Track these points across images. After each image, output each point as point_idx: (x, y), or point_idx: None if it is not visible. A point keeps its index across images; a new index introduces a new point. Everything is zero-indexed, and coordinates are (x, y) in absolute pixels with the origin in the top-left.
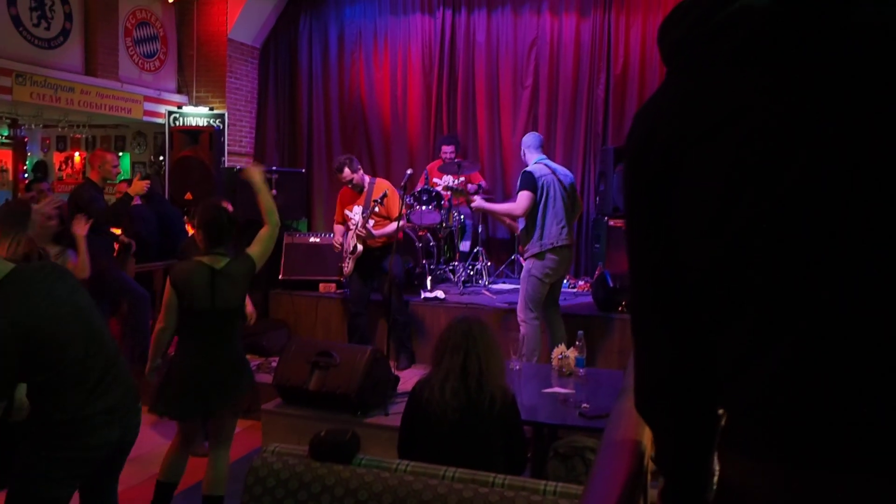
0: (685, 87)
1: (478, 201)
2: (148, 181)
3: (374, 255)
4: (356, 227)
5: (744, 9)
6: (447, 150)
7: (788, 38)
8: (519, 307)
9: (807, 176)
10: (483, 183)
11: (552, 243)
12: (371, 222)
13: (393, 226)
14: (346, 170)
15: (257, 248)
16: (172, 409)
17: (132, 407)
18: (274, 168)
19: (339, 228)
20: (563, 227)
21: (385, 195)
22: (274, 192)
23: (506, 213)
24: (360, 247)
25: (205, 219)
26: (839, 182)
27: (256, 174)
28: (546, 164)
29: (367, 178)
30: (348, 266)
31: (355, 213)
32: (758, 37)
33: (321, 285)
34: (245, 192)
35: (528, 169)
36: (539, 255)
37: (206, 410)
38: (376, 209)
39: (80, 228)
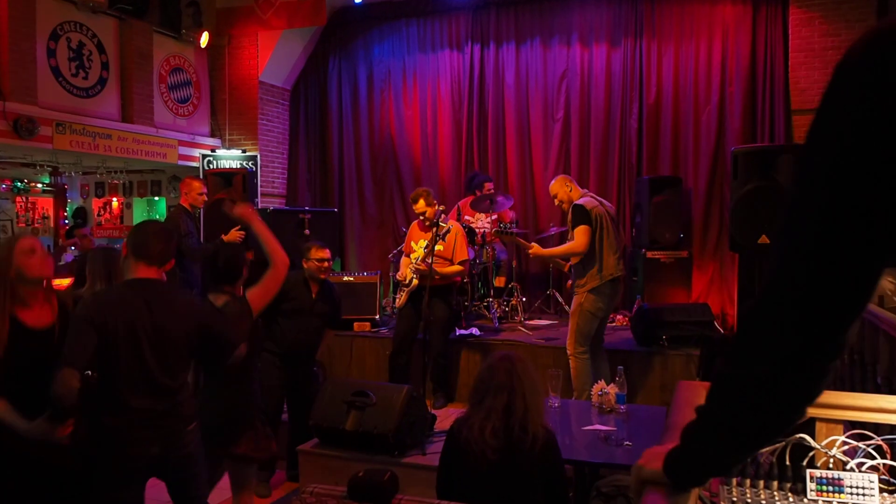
0: None
1: (535, 248)
2: (244, 233)
3: (431, 295)
4: (416, 261)
5: None
6: (490, 187)
7: None
8: (568, 341)
9: None
10: (512, 215)
11: (611, 274)
12: (429, 260)
13: (455, 268)
14: (422, 201)
15: (252, 289)
16: None
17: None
18: (306, 208)
19: (405, 261)
20: (619, 258)
21: (448, 231)
22: (307, 232)
23: (566, 253)
24: (415, 280)
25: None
26: None
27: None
28: (593, 197)
29: (442, 216)
30: (401, 299)
31: (419, 246)
32: None
33: (355, 324)
34: (281, 232)
35: (578, 203)
36: (597, 289)
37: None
38: (438, 243)
39: None
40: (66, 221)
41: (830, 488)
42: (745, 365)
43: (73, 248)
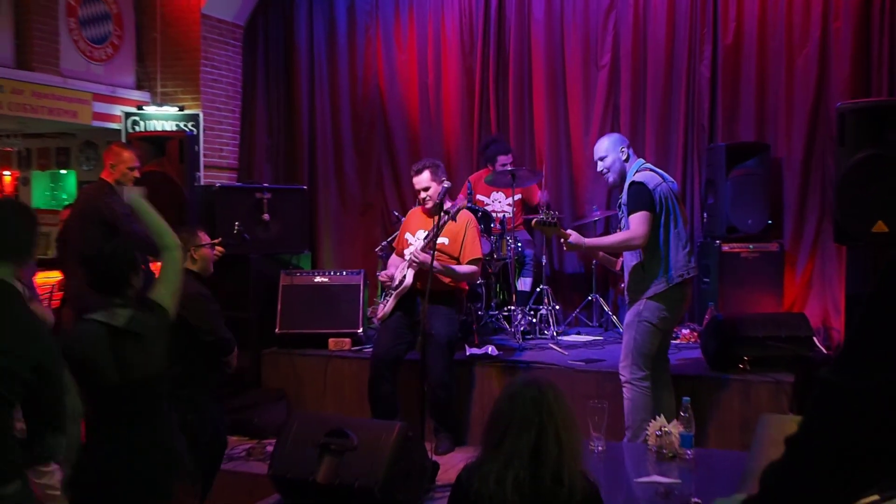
0: None
1: (574, 236)
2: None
3: (429, 303)
4: (412, 253)
5: None
6: (505, 162)
7: None
8: (623, 364)
9: None
10: (545, 196)
11: (681, 275)
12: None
13: (465, 268)
14: (427, 173)
15: (160, 289)
16: None
17: None
18: (265, 185)
19: (395, 260)
20: (689, 253)
21: (459, 208)
22: (266, 216)
23: (619, 246)
24: (409, 278)
25: (89, 255)
26: None
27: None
28: (653, 170)
29: (447, 201)
30: (386, 306)
31: (417, 238)
32: None
33: (331, 341)
34: (229, 217)
35: (637, 179)
36: (662, 295)
37: None
38: (443, 231)
39: None
40: None
41: None
42: (861, 371)
43: None
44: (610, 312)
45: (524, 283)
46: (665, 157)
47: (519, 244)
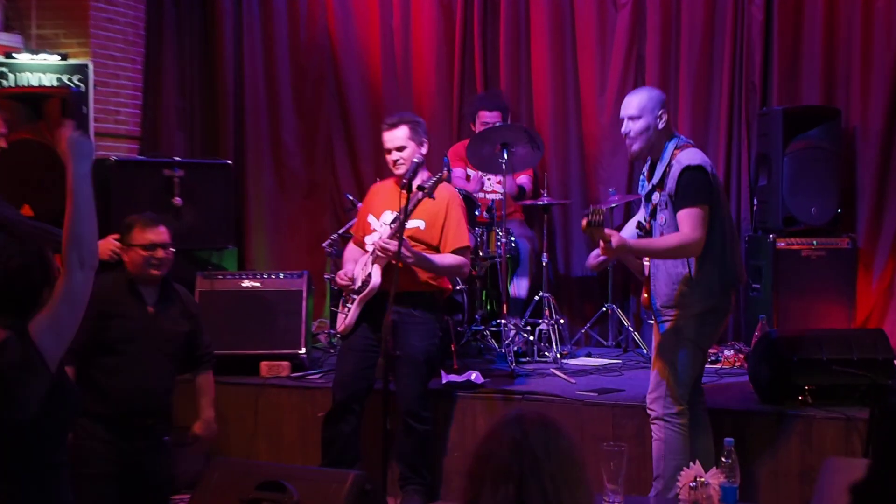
0: None
1: (616, 237)
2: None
3: (400, 308)
4: (378, 242)
5: None
6: (488, 118)
7: None
8: (653, 396)
9: None
10: (525, 182)
11: (732, 284)
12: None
13: (449, 258)
14: (405, 129)
15: (42, 313)
16: None
17: None
18: (177, 159)
19: (351, 251)
20: (737, 252)
21: (437, 180)
22: (178, 200)
23: (671, 252)
24: (375, 276)
25: None
26: None
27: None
28: (698, 149)
29: (423, 171)
30: (348, 316)
31: (383, 222)
32: None
33: (264, 365)
34: (128, 201)
35: (695, 162)
36: (711, 308)
37: None
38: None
39: None
40: None
41: None
42: None
43: None
44: (631, 328)
45: (519, 286)
46: (704, 124)
47: (512, 238)
